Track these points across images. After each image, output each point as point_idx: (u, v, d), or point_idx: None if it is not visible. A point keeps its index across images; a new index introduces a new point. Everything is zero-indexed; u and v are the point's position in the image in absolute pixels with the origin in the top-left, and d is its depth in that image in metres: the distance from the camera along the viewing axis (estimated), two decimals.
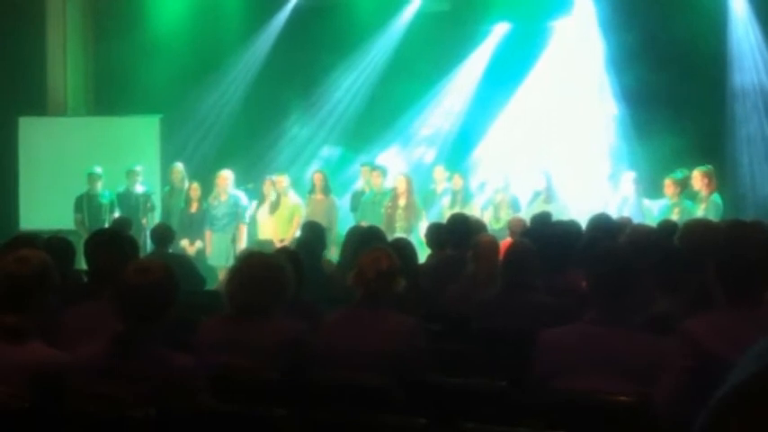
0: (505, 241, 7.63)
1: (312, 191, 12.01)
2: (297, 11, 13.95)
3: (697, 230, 5.52)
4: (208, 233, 11.92)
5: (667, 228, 6.82)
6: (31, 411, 3.50)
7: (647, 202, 11.00)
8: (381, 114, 13.38)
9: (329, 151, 13.72)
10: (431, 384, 4.18)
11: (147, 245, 10.12)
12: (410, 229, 11.05)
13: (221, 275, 10.71)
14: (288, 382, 4.08)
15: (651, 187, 11.19)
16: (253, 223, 12.03)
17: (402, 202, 11.40)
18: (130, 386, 3.50)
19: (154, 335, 3.63)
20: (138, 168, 12.37)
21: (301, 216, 11.38)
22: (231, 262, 8.46)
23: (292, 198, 11.94)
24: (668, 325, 3.77)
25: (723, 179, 11.07)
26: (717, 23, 12.58)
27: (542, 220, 8.10)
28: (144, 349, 3.60)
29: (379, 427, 3.58)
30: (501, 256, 6.02)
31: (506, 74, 13.18)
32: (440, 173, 12.35)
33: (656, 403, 3.48)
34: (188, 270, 8.12)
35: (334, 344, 4.37)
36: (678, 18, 12.27)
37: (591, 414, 3.61)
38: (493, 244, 6.52)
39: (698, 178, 10.45)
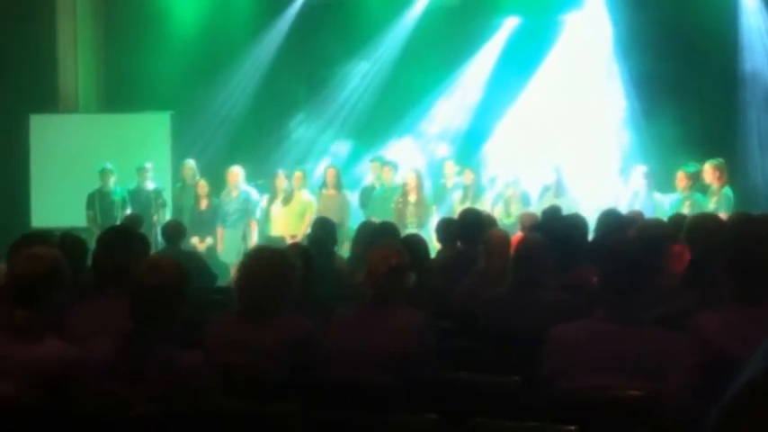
0: (516, 236, 7.61)
1: (324, 186, 12.00)
2: (306, 6, 13.93)
3: (705, 226, 5.50)
4: (219, 229, 11.95)
5: (677, 222, 6.79)
6: (40, 410, 3.52)
7: (658, 195, 10.96)
8: (391, 109, 13.36)
9: (339, 146, 13.69)
10: (440, 381, 4.18)
11: (159, 241, 10.13)
12: (421, 224, 11.04)
13: (233, 272, 10.74)
14: (296, 381, 4.08)
15: (662, 181, 11.15)
16: (264, 218, 12.04)
17: (412, 198, 11.38)
18: (138, 385, 3.51)
19: (163, 333, 3.64)
20: (149, 165, 12.40)
21: (313, 213, 11.35)
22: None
23: (305, 194, 11.94)
24: (678, 322, 3.76)
25: (734, 171, 11.03)
26: (727, 15, 12.53)
27: (552, 215, 8.08)
28: (152, 348, 3.61)
29: (389, 423, 3.59)
30: (511, 251, 6.00)
31: (516, 68, 13.14)
32: (450, 167, 12.33)
33: (665, 400, 3.47)
34: (199, 267, 8.14)
35: (344, 342, 4.36)
36: (689, 10, 12.22)
37: (600, 411, 3.60)
38: (504, 239, 6.48)
39: (709, 171, 10.41)
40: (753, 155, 12.23)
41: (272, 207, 11.95)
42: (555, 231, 6.32)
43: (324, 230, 7.85)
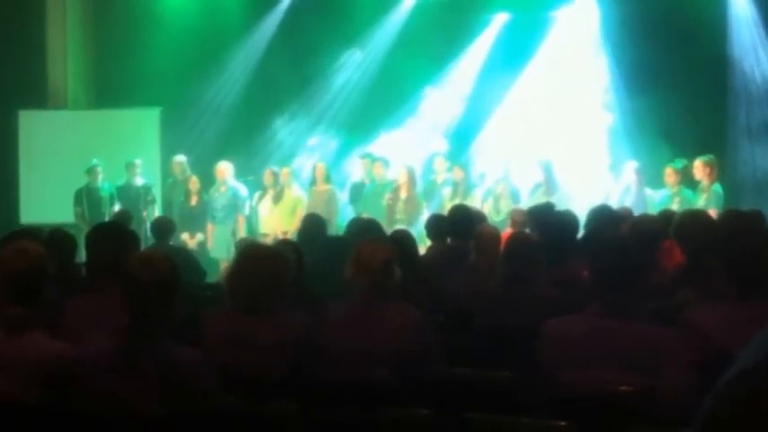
0: (506, 232, 7.61)
1: (313, 182, 11.99)
2: (296, 2, 13.93)
3: (694, 223, 5.50)
4: (209, 225, 11.92)
5: (667, 217, 6.80)
6: (38, 407, 3.51)
7: (649, 191, 10.98)
8: (381, 105, 13.35)
9: (328, 142, 13.68)
10: (434, 377, 4.18)
11: (148, 237, 10.11)
12: (411, 221, 11.02)
13: (223, 267, 10.72)
14: (294, 379, 4.08)
15: (652, 176, 11.16)
16: (254, 215, 12.03)
17: (403, 194, 11.38)
18: (138, 381, 3.50)
19: (159, 328, 3.63)
20: (138, 161, 12.36)
21: (304, 208, 11.35)
22: (232, 254, 8.47)
23: (295, 190, 11.94)
24: (673, 316, 3.76)
25: (723, 165, 11.05)
26: (718, 8, 12.59)
27: (543, 211, 8.07)
28: (150, 343, 3.60)
29: (383, 418, 3.58)
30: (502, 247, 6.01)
31: (507, 64, 13.15)
32: (440, 163, 12.31)
33: (662, 395, 3.47)
34: (189, 262, 8.11)
35: (341, 339, 4.35)
36: (680, 4, 12.26)
37: (595, 406, 3.60)
38: (495, 235, 6.50)
39: (699, 168, 10.43)
40: (742, 149, 12.25)
41: (261, 204, 11.93)
42: (546, 227, 6.33)
43: (313, 225, 7.83)
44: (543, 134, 12.67)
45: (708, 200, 10.20)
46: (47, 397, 3.54)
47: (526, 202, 10.75)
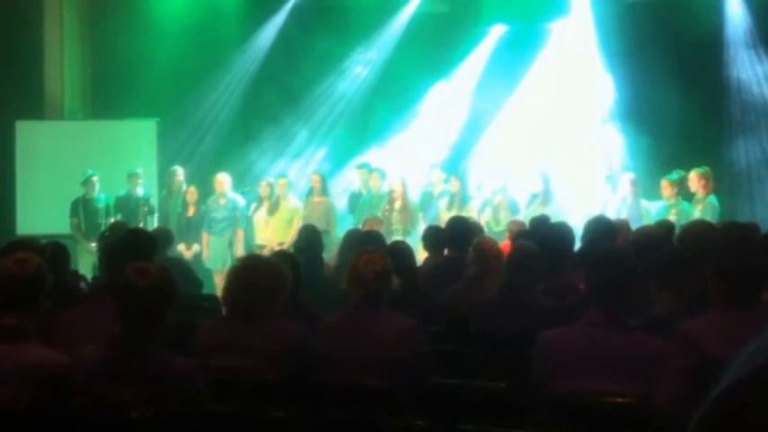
0: (504, 244, 7.63)
1: (310, 193, 11.98)
2: (294, 13, 13.94)
3: (697, 232, 5.52)
4: (205, 236, 11.86)
5: (668, 227, 6.82)
6: (33, 413, 3.52)
7: (645, 203, 10.99)
8: (378, 115, 13.38)
9: (326, 152, 13.69)
10: (430, 386, 4.18)
11: None
12: (407, 231, 11.02)
13: (218, 279, 10.70)
14: (289, 385, 4.09)
15: (648, 188, 11.18)
16: (250, 226, 12.00)
17: (398, 204, 11.38)
18: (131, 388, 3.51)
19: (154, 337, 3.64)
20: (139, 171, 12.26)
21: (301, 219, 11.33)
22: (228, 266, 8.46)
23: (292, 201, 11.92)
24: (668, 325, 3.77)
25: (720, 179, 11.07)
26: (713, 19, 12.61)
27: (540, 223, 8.09)
28: (144, 351, 3.61)
29: (377, 428, 3.58)
30: (503, 258, 6.05)
31: (504, 75, 13.16)
32: (436, 175, 12.31)
33: (656, 404, 3.47)
34: (186, 274, 8.10)
35: (337, 346, 4.38)
36: (675, 20, 12.30)
37: (591, 415, 3.60)
38: (495, 246, 6.54)
39: (695, 180, 10.45)
40: (739, 162, 12.28)
41: (257, 215, 11.90)
42: (543, 238, 6.34)
43: (310, 237, 7.84)
44: (540, 145, 12.68)
45: (703, 211, 10.20)
46: (42, 404, 3.55)
47: (524, 214, 10.76)
